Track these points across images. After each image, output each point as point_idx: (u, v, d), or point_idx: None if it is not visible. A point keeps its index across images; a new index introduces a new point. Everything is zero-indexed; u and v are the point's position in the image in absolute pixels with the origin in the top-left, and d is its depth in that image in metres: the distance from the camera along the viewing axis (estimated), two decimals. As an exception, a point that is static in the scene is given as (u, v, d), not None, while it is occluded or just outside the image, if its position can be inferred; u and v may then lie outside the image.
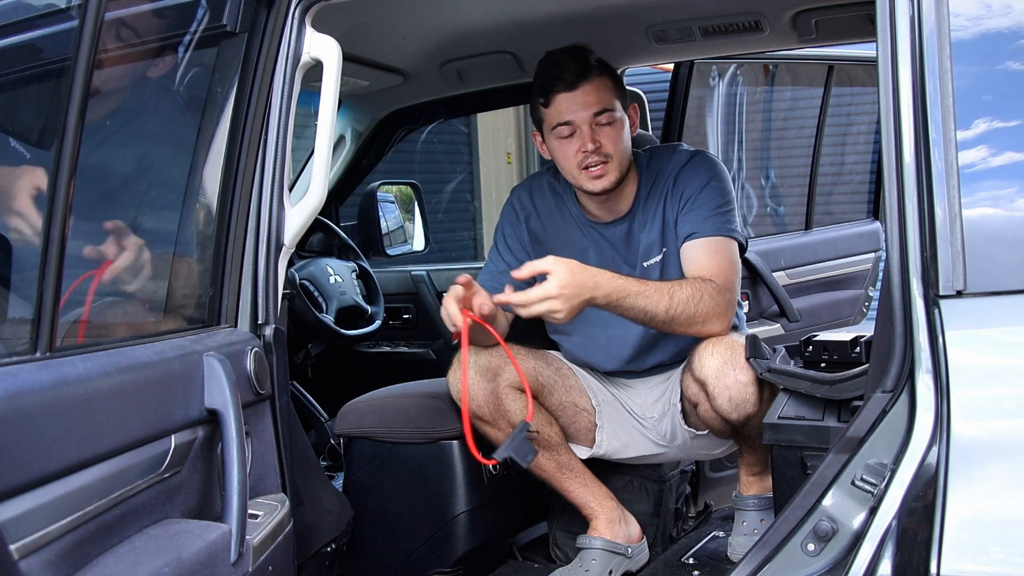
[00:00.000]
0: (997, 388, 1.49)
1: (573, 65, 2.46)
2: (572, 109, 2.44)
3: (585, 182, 2.48)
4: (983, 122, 1.55)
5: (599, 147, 2.44)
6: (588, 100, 2.44)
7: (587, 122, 2.44)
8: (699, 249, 2.48)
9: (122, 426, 1.49)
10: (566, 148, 2.47)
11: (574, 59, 2.47)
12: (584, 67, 2.46)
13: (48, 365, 1.38)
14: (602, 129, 2.45)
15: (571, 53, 2.49)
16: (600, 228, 2.59)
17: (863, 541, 1.49)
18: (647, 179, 2.58)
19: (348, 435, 2.71)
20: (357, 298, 3.39)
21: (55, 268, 1.40)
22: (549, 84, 2.47)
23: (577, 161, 2.46)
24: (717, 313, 2.37)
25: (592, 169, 2.45)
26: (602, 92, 2.46)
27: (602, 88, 2.46)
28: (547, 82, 2.47)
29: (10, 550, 1.23)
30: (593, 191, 2.49)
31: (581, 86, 2.44)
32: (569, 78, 2.44)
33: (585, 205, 2.60)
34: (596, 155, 2.44)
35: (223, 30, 1.94)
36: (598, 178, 2.46)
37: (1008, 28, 1.58)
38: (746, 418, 2.35)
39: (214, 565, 1.57)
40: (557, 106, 2.46)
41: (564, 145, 2.47)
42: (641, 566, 2.62)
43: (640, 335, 2.56)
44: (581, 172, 2.46)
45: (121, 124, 1.91)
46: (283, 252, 2.01)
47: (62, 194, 1.41)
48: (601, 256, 2.56)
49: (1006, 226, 1.56)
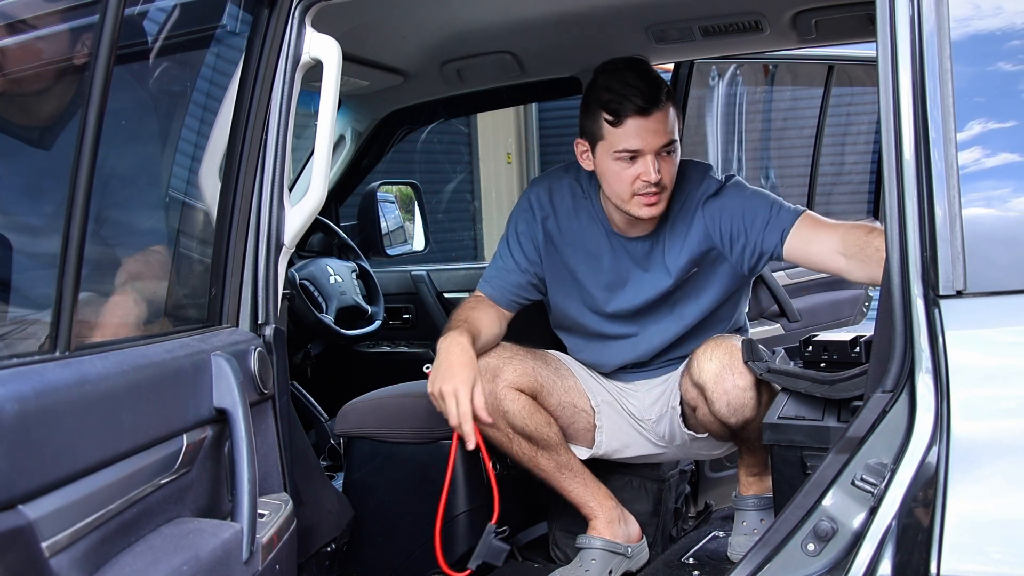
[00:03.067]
0: (997, 388, 1.48)
1: (647, 89, 2.34)
2: (643, 137, 2.34)
3: (635, 208, 2.41)
4: (983, 122, 1.55)
5: (660, 179, 2.37)
6: (659, 129, 2.35)
7: (654, 151, 2.36)
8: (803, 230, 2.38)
9: (140, 424, 1.50)
10: (624, 172, 2.38)
11: (647, 82, 2.36)
12: (657, 91, 2.35)
13: (70, 364, 1.39)
14: (665, 160, 2.38)
15: (641, 74, 2.38)
16: (623, 240, 2.55)
17: (863, 541, 1.49)
18: (677, 201, 2.50)
19: (348, 435, 2.72)
20: (357, 298, 3.39)
21: (74, 266, 1.41)
22: (621, 104, 2.34)
23: (634, 188, 2.38)
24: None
25: (647, 197, 2.38)
26: (670, 122, 2.37)
27: (670, 117, 2.38)
28: (619, 101, 2.34)
29: (42, 547, 1.24)
30: (642, 217, 2.43)
31: (655, 113, 2.34)
32: (643, 103, 2.33)
33: (612, 216, 2.53)
34: (656, 186, 2.37)
35: (223, 30, 1.94)
36: (651, 206, 2.39)
37: (1008, 28, 1.58)
38: (744, 422, 2.35)
39: (228, 563, 1.58)
40: (626, 129, 2.34)
41: (622, 169, 2.38)
42: (641, 566, 2.62)
43: (651, 341, 2.58)
44: (633, 198, 2.39)
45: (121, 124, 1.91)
46: (283, 252, 2.01)
47: (81, 194, 1.42)
48: (616, 264, 2.55)
49: (1006, 226, 1.56)
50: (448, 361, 2.30)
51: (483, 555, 2.38)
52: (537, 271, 2.60)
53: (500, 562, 2.40)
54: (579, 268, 2.57)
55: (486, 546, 2.38)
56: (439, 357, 2.33)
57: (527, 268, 2.59)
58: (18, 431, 1.23)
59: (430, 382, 2.31)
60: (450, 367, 2.29)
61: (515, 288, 2.59)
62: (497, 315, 2.55)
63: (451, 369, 2.28)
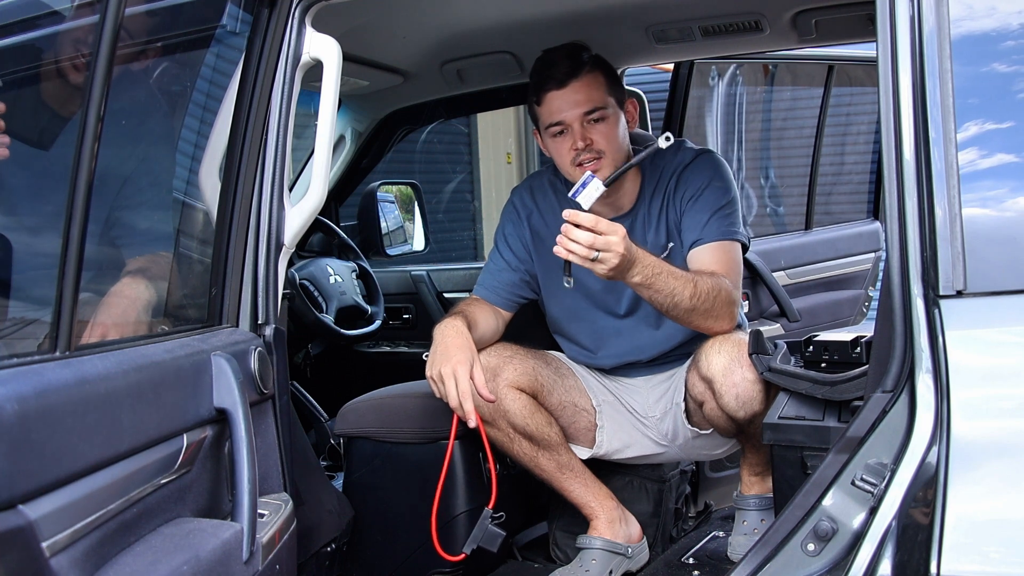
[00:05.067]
0: (997, 388, 1.48)
1: (564, 63, 2.47)
2: (562, 108, 2.46)
3: (579, 177, 2.47)
4: (983, 122, 1.55)
5: (590, 144, 2.46)
6: (578, 99, 2.46)
7: (577, 120, 2.46)
8: (705, 255, 2.49)
9: (140, 424, 1.51)
10: (560, 146, 2.49)
11: (566, 57, 2.49)
12: (575, 64, 2.47)
13: (70, 363, 1.39)
14: (594, 126, 2.47)
15: (564, 51, 2.51)
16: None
17: (863, 541, 1.49)
18: (651, 176, 2.58)
19: (348, 435, 2.72)
20: (357, 298, 3.39)
21: (75, 266, 1.41)
22: (541, 83, 2.49)
23: (571, 158, 2.47)
24: (728, 311, 2.40)
25: (585, 165, 2.45)
26: (593, 90, 2.47)
27: (593, 85, 2.47)
28: (539, 81, 2.50)
29: (42, 547, 1.24)
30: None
31: (571, 83, 2.46)
32: (559, 76, 2.46)
33: None
34: (588, 152, 2.45)
35: (223, 30, 1.94)
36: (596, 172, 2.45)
37: (1008, 28, 1.58)
38: (752, 416, 2.35)
39: (228, 563, 1.59)
40: (548, 105, 2.48)
41: (558, 143, 2.50)
42: (641, 566, 2.62)
43: (649, 335, 2.58)
44: (575, 168, 2.47)
45: (121, 124, 1.92)
46: (283, 252, 2.01)
47: (81, 194, 1.42)
48: None
49: (1006, 226, 1.56)
50: (444, 344, 2.35)
51: (478, 539, 2.37)
52: (528, 268, 2.65)
53: (495, 548, 2.39)
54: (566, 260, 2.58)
55: (482, 530, 2.37)
56: (435, 342, 2.38)
57: (517, 266, 2.64)
58: (18, 431, 1.23)
59: (428, 366, 2.35)
60: (446, 349, 2.33)
61: (508, 286, 2.63)
62: (493, 313, 2.58)
63: (447, 351, 2.33)
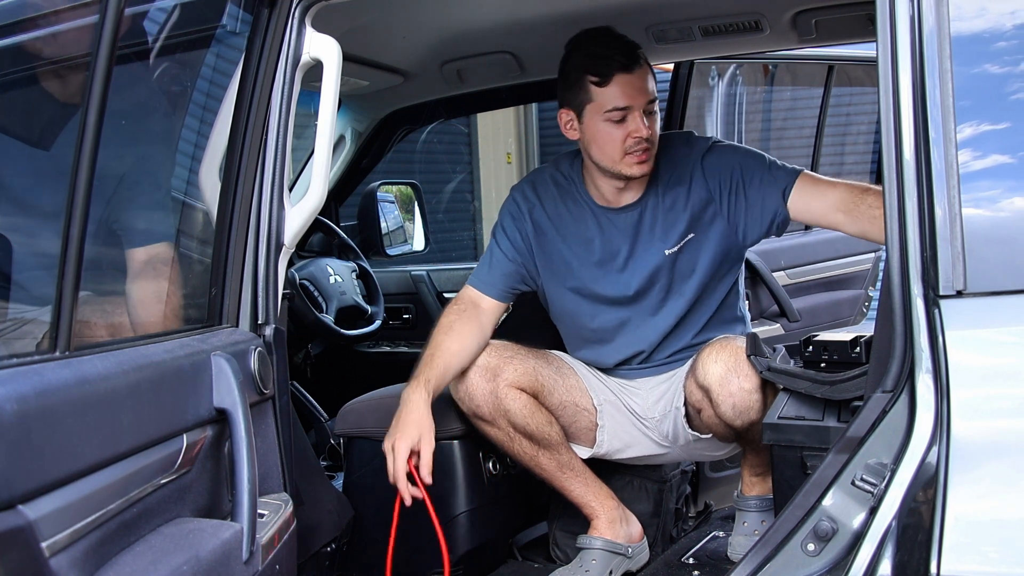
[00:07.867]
0: (997, 388, 1.48)
1: (625, 48, 2.41)
2: (630, 93, 2.39)
3: (626, 167, 2.44)
4: (983, 122, 1.55)
5: (650, 134, 2.43)
6: (644, 86, 2.41)
7: (642, 107, 2.41)
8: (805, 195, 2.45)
9: (140, 424, 1.50)
10: (614, 132, 2.42)
11: (625, 42, 2.43)
12: (635, 50, 2.42)
13: (70, 363, 1.39)
14: (651, 117, 2.44)
15: (619, 36, 2.45)
16: (610, 214, 2.56)
17: (863, 541, 1.49)
18: (665, 168, 2.55)
19: (348, 435, 2.72)
20: (357, 298, 3.39)
21: (74, 266, 1.41)
22: (606, 63, 2.39)
23: (625, 146, 2.42)
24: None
25: (638, 155, 2.42)
26: (651, 79, 2.45)
27: (650, 75, 2.45)
28: (603, 61, 2.40)
29: (42, 547, 1.24)
30: (633, 176, 2.46)
31: (636, 70, 2.40)
32: (625, 60, 2.39)
33: (599, 188, 2.56)
34: (646, 142, 2.42)
35: (223, 30, 1.94)
36: (642, 163, 2.44)
37: (1008, 28, 1.58)
38: (750, 424, 2.34)
39: (228, 563, 1.59)
40: (614, 88, 2.39)
41: (613, 129, 2.42)
42: (641, 566, 2.62)
43: (652, 324, 2.57)
44: (624, 157, 2.43)
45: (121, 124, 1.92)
46: (283, 252, 2.01)
47: (81, 194, 1.42)
48: (606, 242, 2.56)
49: (1006, 226, 1.56)
50: (398, 416, 2.33)
51: None
52: (526, 262, 2.62)
53: None
54: (570, 252, 2.58)
55: None
56: (398, 409, 2.36)
57: (515, 257, 2.61)
58: (18, 431, 1.23)
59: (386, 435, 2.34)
60: (397, 422, 2.32)
61: (506, 277, 2.60)
62: (478, 323, 2.53)
63: (397, 425, 2.32)
